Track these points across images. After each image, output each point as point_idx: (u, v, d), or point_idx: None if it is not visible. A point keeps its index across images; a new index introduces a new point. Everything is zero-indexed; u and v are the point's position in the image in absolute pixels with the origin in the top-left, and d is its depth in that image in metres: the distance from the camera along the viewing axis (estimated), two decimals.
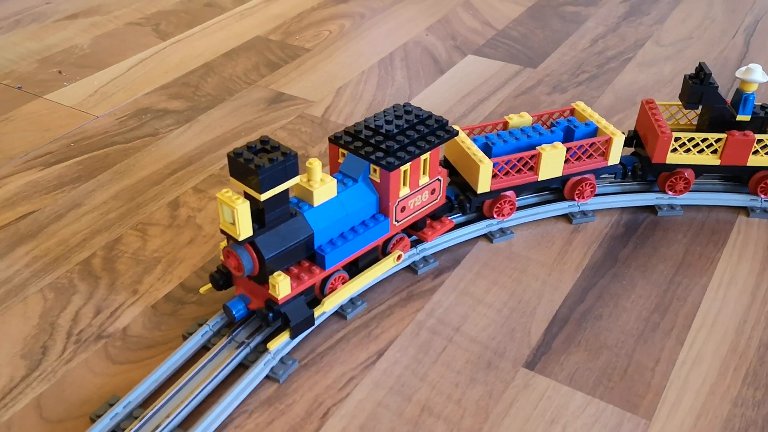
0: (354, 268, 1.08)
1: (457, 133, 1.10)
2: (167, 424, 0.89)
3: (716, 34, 1.91)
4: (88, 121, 1.54)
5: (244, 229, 0.93)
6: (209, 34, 1.94)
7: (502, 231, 1.20)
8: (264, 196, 0.92)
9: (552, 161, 1.18)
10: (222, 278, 1.03)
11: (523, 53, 1.81)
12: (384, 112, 1.10)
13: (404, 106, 1.10)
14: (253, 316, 1.03)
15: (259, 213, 0.95)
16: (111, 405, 0.93)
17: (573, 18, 2.00)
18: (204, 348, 1.01)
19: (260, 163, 0.91)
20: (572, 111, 1.29)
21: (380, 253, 1.11)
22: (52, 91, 1.67)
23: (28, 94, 1.65)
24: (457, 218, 1.21)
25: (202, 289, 1.06)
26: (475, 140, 1.21)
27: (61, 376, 0.98)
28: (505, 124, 1.26)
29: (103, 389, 0.96)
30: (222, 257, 1.00)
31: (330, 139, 1.09)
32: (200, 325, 1.03)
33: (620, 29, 1.93)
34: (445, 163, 1.25)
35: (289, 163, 0.94)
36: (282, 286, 0.95)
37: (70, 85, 1.69)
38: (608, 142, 1.20)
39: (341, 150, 1.09)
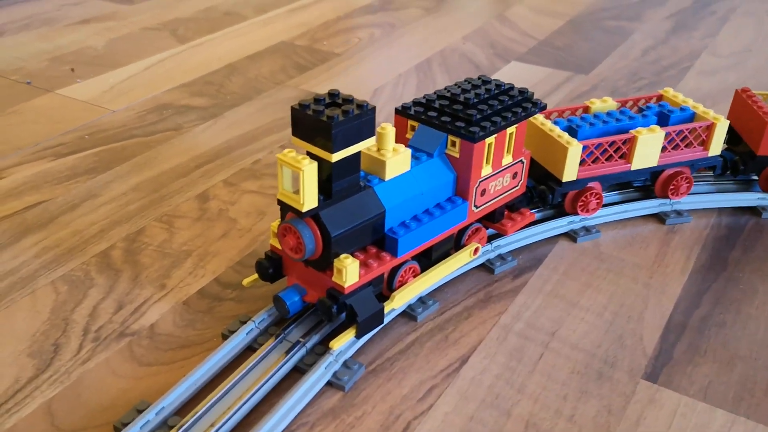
0: (425, 261, 0.86)
1: (545, 107, 0.89)
2: None
3: None
4: (104, 115, 1.33)
5: (309, 197, 0.72)
6: (231, 39, 1.74)
7: (587, 230, 0.98)
8: (336, 156, 0.71)
9: (648, 147, 0.97)
10: (272, 266, 0.81)
11: (570, 61, 1.62)
12: (456, 84, 0.89)
13: (480, 77, 0.89)
14: (307, 312, 0.81)
15: (325, 183, 0.74)
16: (140, 412, 0.70)
17: (617, 31, 1.81)
18: (249, 349, 0.80)
19: (333, 115, 0.69)
20: (660, 98, 1.08)
21: (453, 245, 0.89)
22: (64, 87, 1.45)
23: (38, 89, 1.45)
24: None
25: (246, 281, 0.85)
26: (556, 123, 0.99)
27: (76, 377, 0.77)
28: (586, 110, 1.04)
29: (128, 394, 0.75)
30: (273, 239, 0.78)
31: (397, 111, 0.88)
32: (243, 322, 0.81)
33: (670, 42, 1.74)
34: None
35: (365, 119, 0.73)
36: (350, 271, 0.74)
37: (83, 82, 1.49)
38: (710, 128, 0.99)
39: (410, 122, 0.87)
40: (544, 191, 0.97)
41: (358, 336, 0.77)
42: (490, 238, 0.96)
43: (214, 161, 1.18)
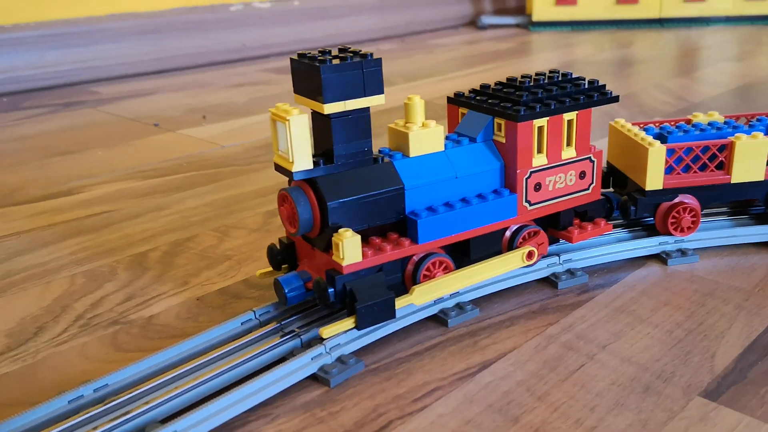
0: (467, 261, 0.69)
1: (617, 99, 0.72)
2: (138, 414, 0.52)
3: None
4: (213, 149, 1.24)
5: (300, 156, 0.58)
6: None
7: (682, 252, 0.80)
8: (329, 108, 0.57)
9: (750, 156, 0.78)
10: (282, 252, 0.67)
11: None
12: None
13: (551, 70, 0.74)
14: (317, 305, 0.66)
15: (327, 149, 0.59)
16: None
17: None
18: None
19: (326, 60, 0.55)
20: None
21: (503, 248, 0.72)
22: (189, 128, 1.36)
23: (163, 129, 1.38)
24: (618, 235, 0.82)
25: (259, 272, 0.71)
26: (646, 130, 0.82)
27: (41, 357, 0.67)
28: (688, 122, 0.87)
29: (88, 375, 0.64)
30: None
31: (448, 99, 0.73)
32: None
33: None
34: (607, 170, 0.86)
35: (368, 70, 0.59)
36: (347, 246, 0.59)
37: (208, 125, 1.39)
38: None
39: (461, 110, 0.73)
40: (626, 202, 0.79)
41: (359, 327, 0.62)
42: (563, 252, 0.78)
43: None
